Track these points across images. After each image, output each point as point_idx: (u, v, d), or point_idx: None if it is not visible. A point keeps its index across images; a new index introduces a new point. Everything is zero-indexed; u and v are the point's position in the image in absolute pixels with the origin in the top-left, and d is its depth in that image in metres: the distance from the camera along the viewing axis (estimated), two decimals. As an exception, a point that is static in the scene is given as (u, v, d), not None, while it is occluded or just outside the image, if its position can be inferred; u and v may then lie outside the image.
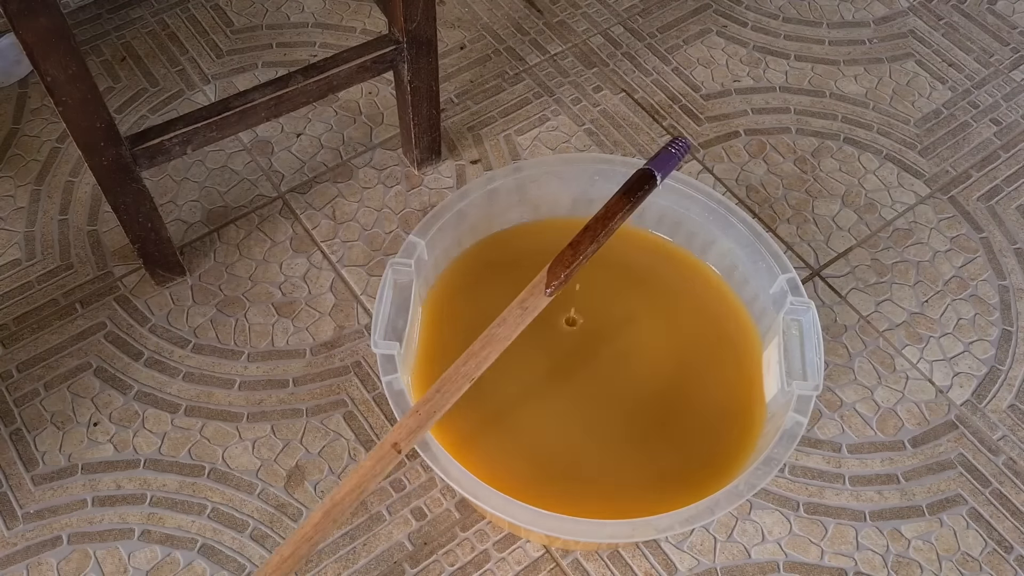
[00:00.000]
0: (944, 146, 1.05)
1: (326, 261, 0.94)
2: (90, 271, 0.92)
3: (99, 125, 0.73)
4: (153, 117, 1.04)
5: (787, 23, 1.16)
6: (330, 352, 0.88)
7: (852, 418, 0.86)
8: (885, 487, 0.82)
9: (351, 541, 0.78)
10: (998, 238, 0.98)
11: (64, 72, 0.68)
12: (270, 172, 1.00)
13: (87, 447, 0.82)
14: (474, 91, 1.08)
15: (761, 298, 0.78)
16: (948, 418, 0.86)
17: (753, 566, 0.78)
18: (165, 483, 0.80)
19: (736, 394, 0.77)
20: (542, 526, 0.63)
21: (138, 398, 0.85)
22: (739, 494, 0.65)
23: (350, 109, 1.05)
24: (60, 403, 0.84)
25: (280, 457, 0.82)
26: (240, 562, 0.77)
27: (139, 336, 0.88)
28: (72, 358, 0.87)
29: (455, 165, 1.01)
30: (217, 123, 0.81)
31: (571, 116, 1.06)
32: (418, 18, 0.83)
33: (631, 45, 1.13)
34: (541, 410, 0.75)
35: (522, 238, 0.85)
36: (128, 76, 1.07)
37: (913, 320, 0.92)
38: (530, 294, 0.67)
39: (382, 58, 0.85)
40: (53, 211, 0.96)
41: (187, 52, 1.09)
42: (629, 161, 0.81)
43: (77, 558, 0.77)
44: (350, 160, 1.01)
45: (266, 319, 0.90)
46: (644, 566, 0.78)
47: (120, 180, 0.79)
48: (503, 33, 1.13)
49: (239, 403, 0.85)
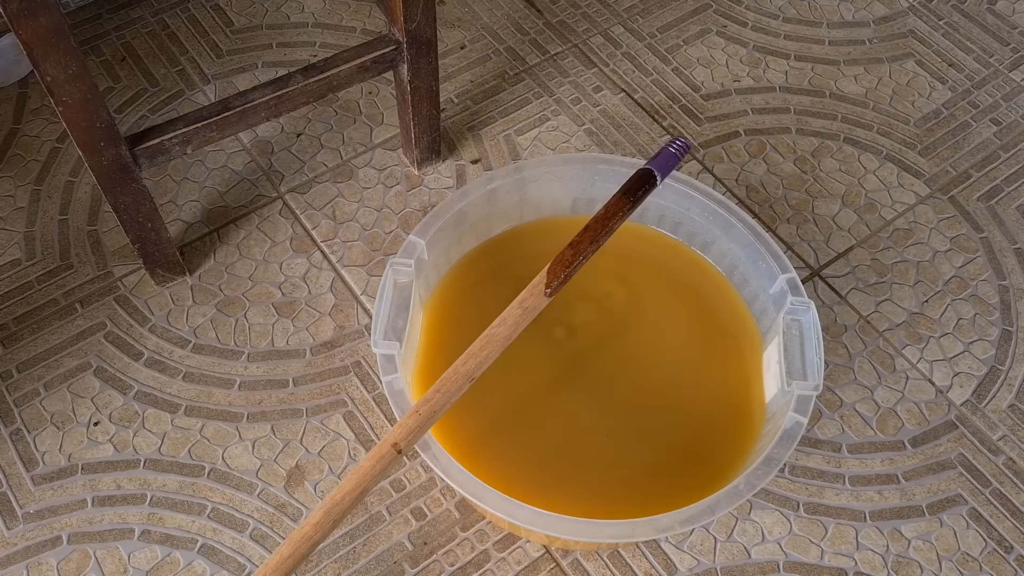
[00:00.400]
0: (944, 146, 1.05)
1: (326, 261, 0.94)
2: (90, 271, 0.92)
3: (99, 125, 0.73)
4: (153, 117, 1.04)
5: (787, 23, 1.16)
6: (330, 352, 0.88)
7: (852, 418, 0.86)
8: (885, 487, 0.82)
9: (351, 541, 0.78)
10: (998, 238, 0.98)
11: (64, 72, 0.68)
12: (270, 172, 1.00)
13: (87, 447, 0.82)
14: (474, 91, 1.08)
15: (761, 298, 0.78)
16: (948, 418, 0.86)
17: (753, 566, 0.78)
18: (165, 483, 0.80)
19: (736, 394, 0.77)
20: (542, 526, 0.63)
21: (138, 398, 0.85)
22: (739, 494, 0.65)
23: (350, 109, 1.05)
24: (60, 403, 0.84)
25: (280, 457, 0.82)
26: (240, 562, 0.77)
27: (139, 336, 0.88)
28: (72, 358, 0.87)
29: (455, 165, 1.01)
30: (217, 123, 0.81)
31: (571, 116, 1.06)
32: (418, 18, 0.83)
33: (631, 45, 1.13)
34: (542, 410, 0.75)
35: (522, 238, 0.85)
36: (128, 76, 1.07)
37: (913, 320, 0.92)
38: (530, 294, 0.67)
39: (382, 58, 0.85)
40: (53, 211, 0.96)
41: (187, 52, 1.09)
42: (629, 161, 0.81)
43: (77, 558, 0.77)
44: (350, 160, 1.01)
45: (266, 319, 0.90)
46: (644, 566, 0.78)
47: (120, 180, 0.79)
48: (503, 33, 1.13)
49: (239, 403, 0.85)
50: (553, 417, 0.75)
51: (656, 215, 0.84)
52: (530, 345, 0.77)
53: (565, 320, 0.79)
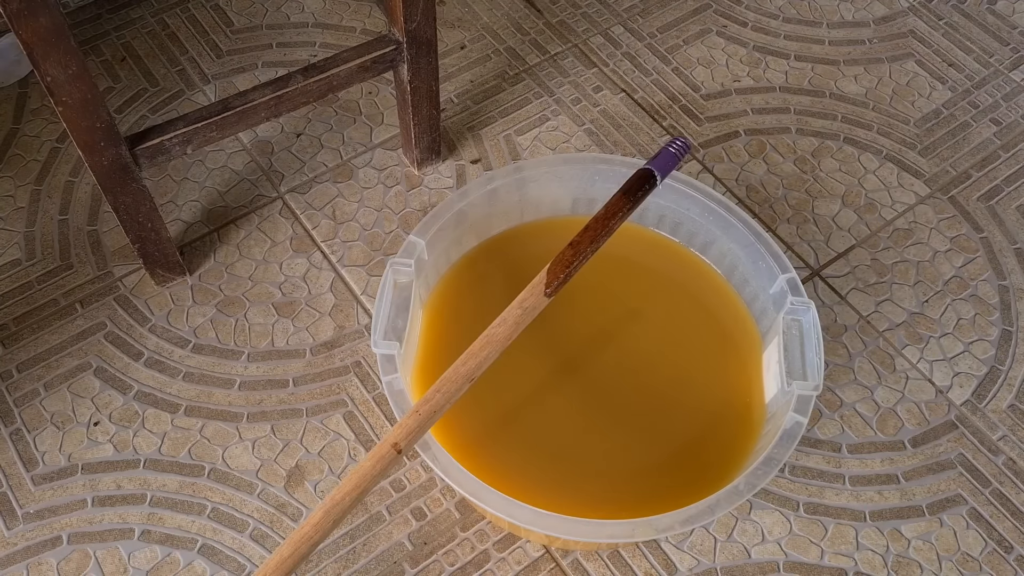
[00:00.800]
0: (944, 146, 1.05)
1: (326, 261, 0.94)
2: (90, 271, 0.92)
3: (99, 125, 0.73)
4: (153, 117, 1.04)
5: (787, 23, 1.16)
6: (330, 352, 0.88)
7: (852, 418, 0.86)
8: (885, 487, 0.82)
9: (351, 541, 0.78)
10: (998, 238, 0.98)
11: (64, 72, 0.68)
12: (270, 172, 1.00)
13: (87, 447, 0.82)
14: (474, 91, 1.08)
15: (761, 298, 0.78)
16: (948, 418, 0.86)
17: (753, 566, 0.78)
18: (165, 483, 0.80)
19: (736, 394, 0.77)
20: (542, 526, 0.63)
21: (138, 398, 0.85)
22: (739, 494, 0.65)
23: (350, 109, 1.05)
24: (60, 403, 0.84)
25: (280, 457, 0.82)
26: (240, 562, 0.77)
27: (139, 336, 0.88)
28: (72, 358, 0.87)
29: (455, 165, 1.01)
30: (217, 123, 0.81)
31: (571, 116, 1.06)
32: (418, 18, 0.83)
33: (631, 45, 1.13)
34: (541, 411, 0.75)
35: (522, 238, 0.85)
36: (128, 76, 1.07)
37: (913, 320, 0.92)
38: (530, 294, 0.67)
39: (382, 58, 0.85)
40: (53, 211, 0.96)
41: (187, 52, 1.09)
42: (629, 161, 0.81)
43: (77, 558, 0.77)
44: (350, 160, 1.01)
45: (266, 319, 0.90)
46: (644, 566, 0.77)
47: (120, 180, 0.79)
48: (503, 33, 1.13)
49: (239, 403, 0.85)
50: (553, 417, 0.75)
51: (656, 215, 0.84)
52: (530, 346, 0.76)
53: (565, 321, 0.79)
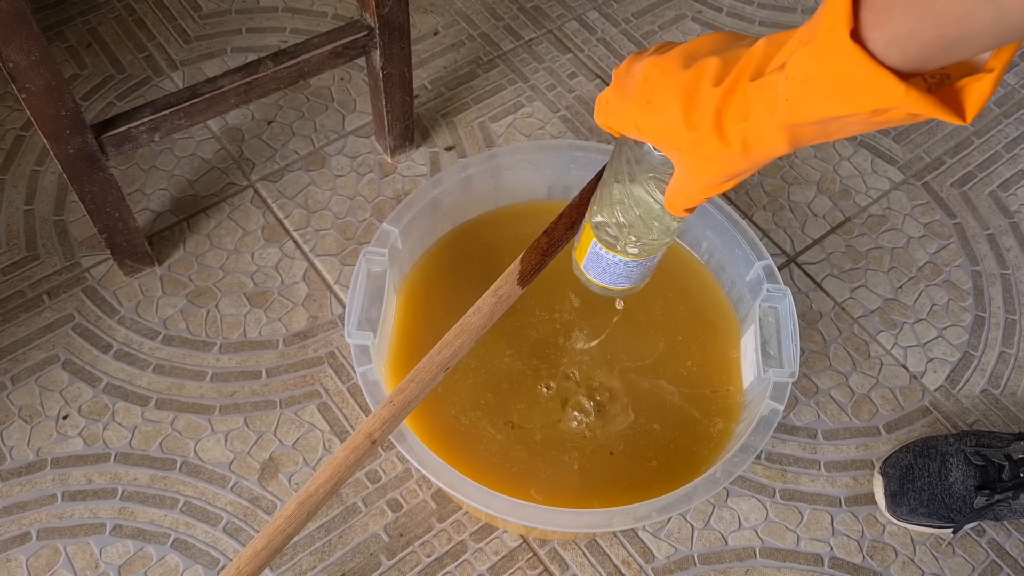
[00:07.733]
0: (917, 132, 1.06)
1: (299, 250, 0.92)
2: (57, 262, 0.90)
3: (64, 113, 0.72)
4: (120, 104, 1.02)
5: (762, 8, 1.16)
6: (303, 343, 0.87)
7: (827, 404, 0.86)
8: (860, 472, 0.83)
9: (326, 533, 0.77)
10: (971, 224, 0.99)
11: (27, 58, 0.66)
12: (240, 160, 0.98)
13: (56, 441, 0.81)
14: (448, 77, 1.07)
15: (738, 285, 0.78)
16: (922, 403, 0.87)
17: (730, 552, 0.78)
18: (136, 477, 0.79)
19: (714, 381, 0.77)
20: (519, 516, 0.63)
21: (108, 391, 0.83)
22: (716, 482, 0.65)
23: (322, 96, 1.04)
24: (28, 397, 0.83)
25: (253, 449, 0.81)
26: (214, 556, 0.76)
27: (108, 328, 0.87)
28: (39, 351, 0.85)
29: (429, 152, 1.00)
30: (185, 110, 0.79)
31: (546, 102, 1.05)
32: (390, 3, 0.82)
33: (606, 31, 1.12)
34: (518, 400, 0.75)
35: (497, 226, 0.84)
36: (94, 62, 1.05)
37: (887, 306, 0.93)
38: (504, 282, 0.66)
39: (354, 44, 0.84)
40: (18, 201, 0.94)
41: (154, 38, 1.07)
42: (605, 148, 0.80)
43: (47, 554, 0.75)
44: (322, 148, 1.00)
45: (238, 309, 0.88)
46: (622, 554, 0.77)
47: (86, 169, 0.77)
48: (477, 18, 1.12)
49: (211, 395, 0.84)
50: (529, 407, 0.75)
51: (632, 202, 0.83)
52: (506, 333, 0.76)
53: (541, 308, 0.79)
